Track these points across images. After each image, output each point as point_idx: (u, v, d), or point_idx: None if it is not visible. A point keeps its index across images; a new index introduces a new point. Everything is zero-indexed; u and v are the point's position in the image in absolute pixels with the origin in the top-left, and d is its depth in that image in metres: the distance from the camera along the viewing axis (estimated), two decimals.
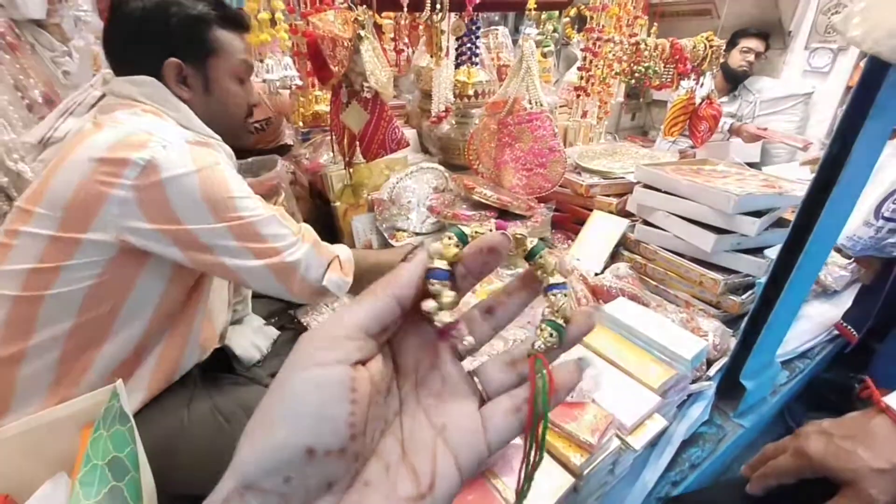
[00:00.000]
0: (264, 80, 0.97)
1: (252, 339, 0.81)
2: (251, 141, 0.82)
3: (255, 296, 0.91)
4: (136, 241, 0.55)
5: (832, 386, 1.19)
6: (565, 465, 0.54)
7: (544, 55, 1.28)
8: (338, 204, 1.17)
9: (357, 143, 1.02)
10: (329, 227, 1.24)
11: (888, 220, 0.82)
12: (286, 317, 0.97)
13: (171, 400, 0.67)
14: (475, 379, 0.22)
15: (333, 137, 1.06)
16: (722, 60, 1.40)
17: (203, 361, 0.75)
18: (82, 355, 0.59)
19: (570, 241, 1.12)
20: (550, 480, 0.52)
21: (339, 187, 1.17)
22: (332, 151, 1.19)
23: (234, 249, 0.58)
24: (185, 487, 0.54)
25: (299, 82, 1.03)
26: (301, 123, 1.37)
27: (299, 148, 1.35)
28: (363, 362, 0.18)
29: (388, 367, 0.20)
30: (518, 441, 0.53)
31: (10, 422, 0.48)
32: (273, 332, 0.88)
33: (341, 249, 0.69)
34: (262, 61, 0.97)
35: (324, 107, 1.31)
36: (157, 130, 0.56)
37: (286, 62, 0.95)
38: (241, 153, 1.23)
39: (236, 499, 0.16)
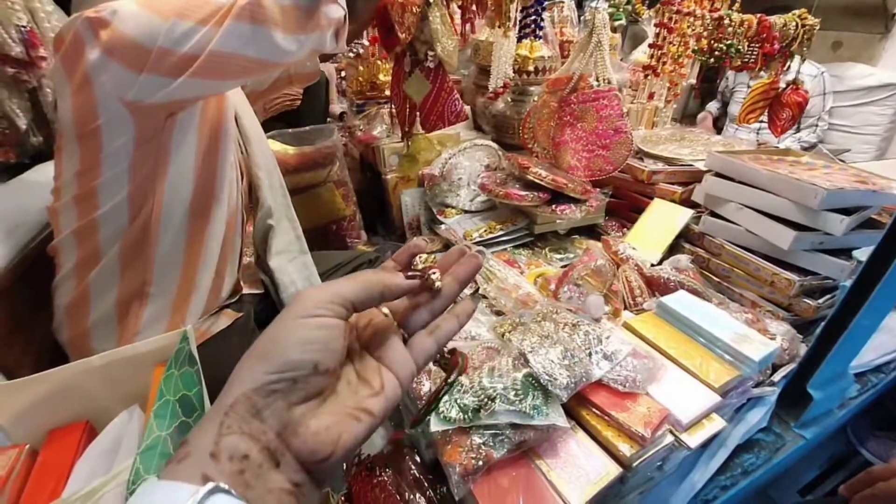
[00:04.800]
0: None
1: (294, 277, 0.82)
2: None
3: None
4: (140, 97, 0.55)
5: None
6: (613, 455, 0.52)
7: (614, 30, 1.21)
8: (389, 177, 1.17)
9: (417, 113, 1.01)
10: (378, 200, 1.25)
11: None
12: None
13: (233, 341, 0.73)
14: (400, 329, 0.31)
15: (392, 107, 1.06)
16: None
17: (256, 311, 0.79)
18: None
19: (625, 230, 1.07)
20: (598, 468, 0.51)
21: (392, 160, 1.17)
22: (389, 122, 1.19)
23: (200, 33, 0.54)
24: None
25: (361, 50, 1.03)
26: (354, 97, 1.37)
27: (353, 119, 1.37)
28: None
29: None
30: (564, 424, 0.52)
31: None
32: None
33: None
34: None
35: (382, 76, 1.31)
36: None
37: None
38: (287, 119, 1.24)
39: (243, 401, 0.23)
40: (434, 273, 0.31)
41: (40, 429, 0.50)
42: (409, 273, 0.30)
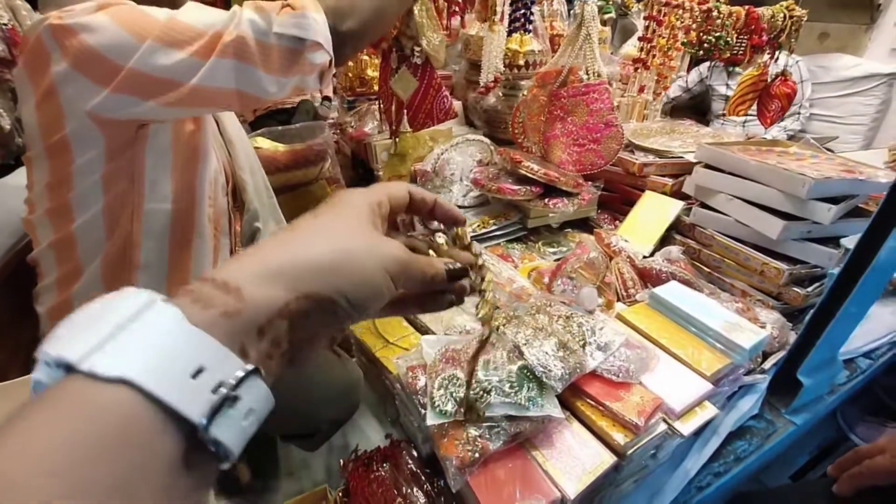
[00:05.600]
0: None
1: None
2: None
3: None
4: (103, 112, 0.53)
5: (891, 390, 1.11)
6: (608, 444, 0.53)
7: (604, 23, 1.21)
8: (381, 173, 1.17)
9: (405, 111, 1.00)
10: None
11: None
12: None
13: None
14: None
15: (381, 105, 1.05)
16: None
17: None
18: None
19: (617, 223, 1.08)
20: (593, 457, 0.51)
21: (384, 157, 1.17)
22: (379, 120, 1.18)
23: (182, 63, 0.51)
24: None
25: None
26: (344, 93, 1.37)
27: (344, 116, 1.36)
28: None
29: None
30: (559, 415, 0.52)
31: None
32: None
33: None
34: None
35: (370, 72, 1.30)
36: None
37: None
38: (278, 118, 1.25)
39: (315, 299, 0.22)
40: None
41: None
42: (451, 269, 0.30)
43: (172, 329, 0.18)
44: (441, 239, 0.33)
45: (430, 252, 0.33)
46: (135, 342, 0.17)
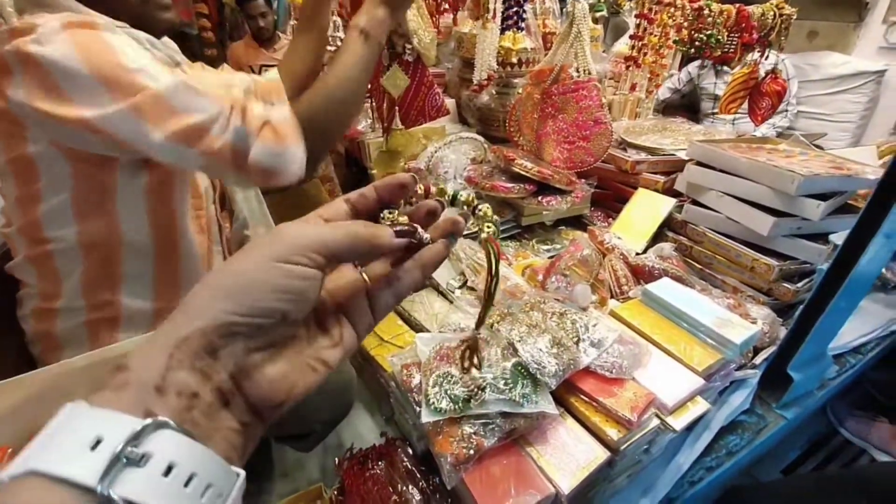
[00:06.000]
0: None
1: None
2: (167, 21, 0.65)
3: None
4: (70, 144, 0.53)
5: (880, 385, 1.13)
6: (601, 440, 0.53)
7: (596, 21, 1.21)
8: (374, 171, 1.16)
9: (396, 108, 1.00)
10: None
11: None
12: None
13: None
14: (363, 275, 0.29)
15: (372, 102, 1.05)
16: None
17: None
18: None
19: (610, 220, 1.08)
20: (587, 453, 0.52)
21: (376, 154, 1.16)
22: (371, 117, 1.18)
23: (156, 141, 0.50)
24: None
25: (340, 43, 1.01)
26: None
27: None
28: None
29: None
30: (553, 411, 0.52)
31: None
32: None
33: (277, 110, 0.57)
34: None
35: None
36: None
37: (337, 23, 0.94)
38: None
39: (198, 337, 0.21)
40: (423, 233, 0.28)
41: (22, 433, 0.48)
42: (398, 229, 0.27)
43: (73, 417, 0.19)
44: (387, 213, 0.29)
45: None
46: (43, 442, 0.18)
